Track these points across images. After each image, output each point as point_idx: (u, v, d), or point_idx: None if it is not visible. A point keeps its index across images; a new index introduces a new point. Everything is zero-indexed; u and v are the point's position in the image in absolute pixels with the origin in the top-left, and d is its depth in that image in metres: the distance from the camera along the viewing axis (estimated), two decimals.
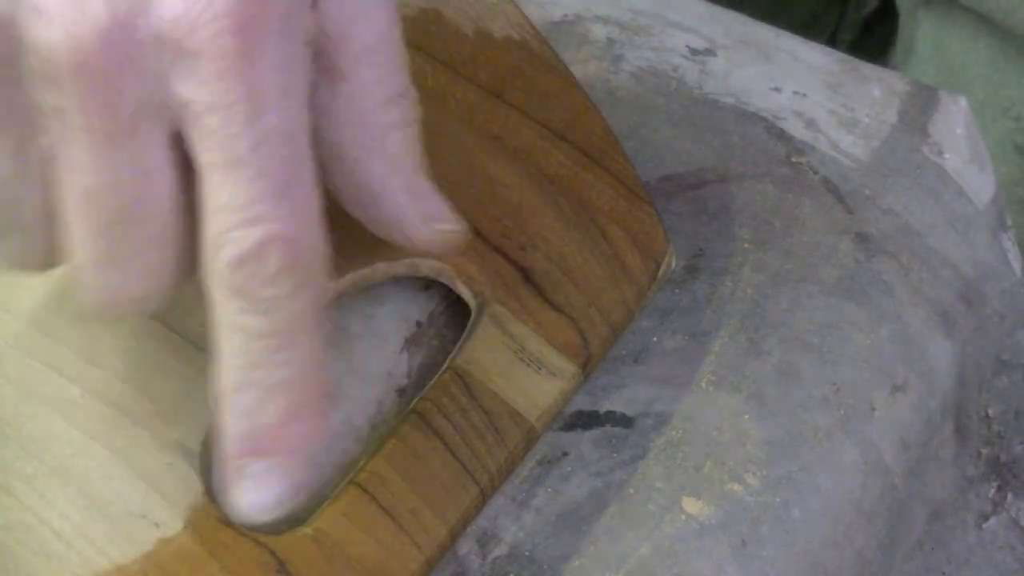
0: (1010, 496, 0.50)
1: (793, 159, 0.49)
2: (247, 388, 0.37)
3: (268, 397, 0.38)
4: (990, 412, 0.50)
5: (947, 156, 0.51)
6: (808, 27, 0.82)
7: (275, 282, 0.37)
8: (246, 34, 0.35)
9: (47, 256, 0.38)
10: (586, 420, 0.44)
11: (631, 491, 0.43)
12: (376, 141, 0.39)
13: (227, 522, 0.40)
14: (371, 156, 0.39)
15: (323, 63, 0.38)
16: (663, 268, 0.46)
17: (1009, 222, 0.51)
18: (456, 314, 0.45)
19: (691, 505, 0.42)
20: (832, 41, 0.83)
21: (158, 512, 0.40)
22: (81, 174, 0.36)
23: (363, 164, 0.39)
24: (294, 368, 0.38)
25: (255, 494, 0.38)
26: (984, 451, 0.50)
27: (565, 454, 0.43)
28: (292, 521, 0.41)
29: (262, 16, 0.35)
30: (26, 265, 0.39)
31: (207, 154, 0.36)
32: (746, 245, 0.47)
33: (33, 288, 0.42)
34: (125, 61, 0.35)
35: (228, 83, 0.35)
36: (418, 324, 0.45)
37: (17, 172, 0.37)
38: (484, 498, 0.42)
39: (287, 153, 0.36)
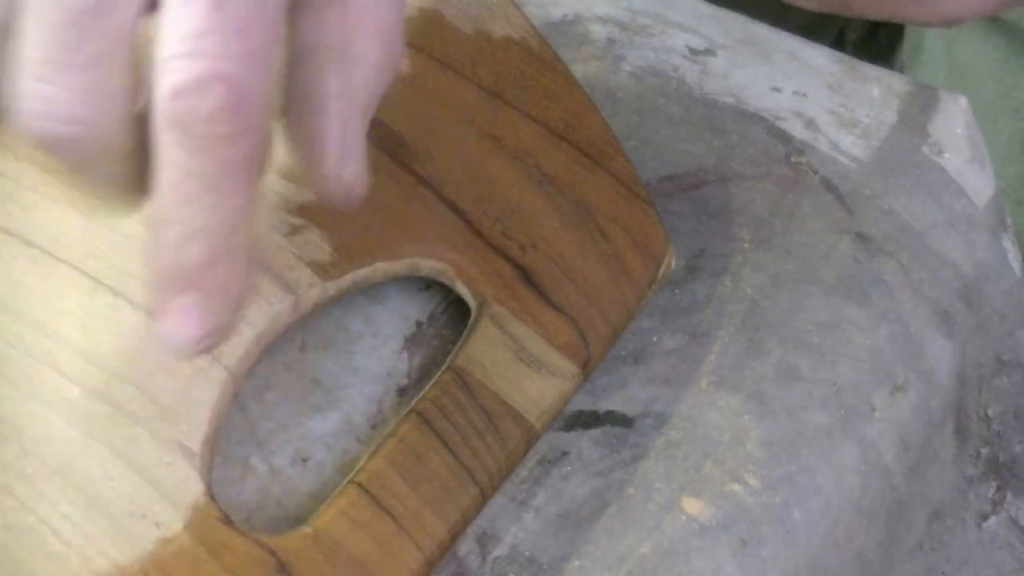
0: (1010, 496, 0.50)
1: (793, 159, 0.50)
2: (172, 224, 0.36)
3: (192, 237, 0.36)
4: (990, 412, 0.50)
5: (947, 156, 0.51)
6: (815, 27, 0.82)
7: (211, 121, 0.35)
8: None
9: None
10: (586, 420, 0.44)
11: (631, 491, 0.43)
12: (346, 62, 0.38)
13: (228, 522, 0.40)
14: (334, 71, 0.38)
15: None
16: (663, 268, 0.46)
17: (1009, 222, 0.51)
18: (456, 314, 0.45)
19: (691, 505, 0.42)
20: (839, 40, 0.83)
21: (158, 512, 0.40)
22: None
23: (322, 73, 0.38)
24: (220, 216, 0.36)
25: (171, 328, 0.37)
26: (984, 451, 0.50)
27: (565, 454, 0.43)
28: (292, 521, 0.41)
29: None
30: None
31: None
32: (746, 245, 0.47)
33: (33, 288, 0.42)
34: None
35: None
36: (418, 324, 0.45)
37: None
38: (484, 498, 0.42)
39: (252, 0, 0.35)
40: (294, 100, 0.39)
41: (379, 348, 0.44)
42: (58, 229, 0.42)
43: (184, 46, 0.35)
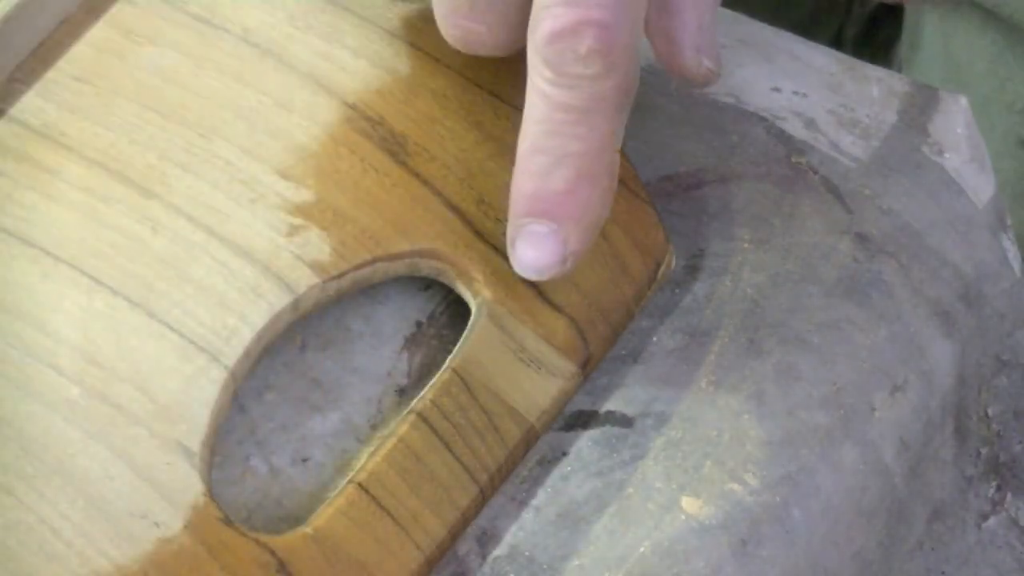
0: (1009, 496, 0.50)
1: (793, 159, 0.49)
2: (540, 153, 0.41)
3: (558, 164, 0.41)
4: (990, 412, 0.50)
5: (947, 156, 0.51)
6: (812, 23, 0.82)
7: (584, 61, 0.40)
8: None
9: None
10: (586, 420, 0.44)
11: (631, 491, 0.43)
12: None
13: (228, 522, 0.40)
14: None
15: None
16: (663, 268, 0.46)
17: (1009, 221, 0.51)
18: (456, 314, 0.45)
19: (691, 505, 0.42)
20: (837, 37, 0.83)
21: (158, 512, 0.40)
22: None
23: None
24: (586, 144, 0.41)
25: (528, 252, 0.42)
26: (984, 451, 0.50)
27: (565, 454, 0.43)
28: (292, 521, 0.41)
29: None
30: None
31: None
32: (746, 245, 0.47)
33: (33, 288, 0.42)
34: None
35: None
36: (418, 324, 0.45)
37: None
38: (484, 498, 0.42)
39: None
40: (652, 4, 0.44)
41: (379, 348, 0.44)
42: (58, 229, 0.42)
43: None
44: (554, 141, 0.42)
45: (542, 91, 0.41)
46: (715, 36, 0.45)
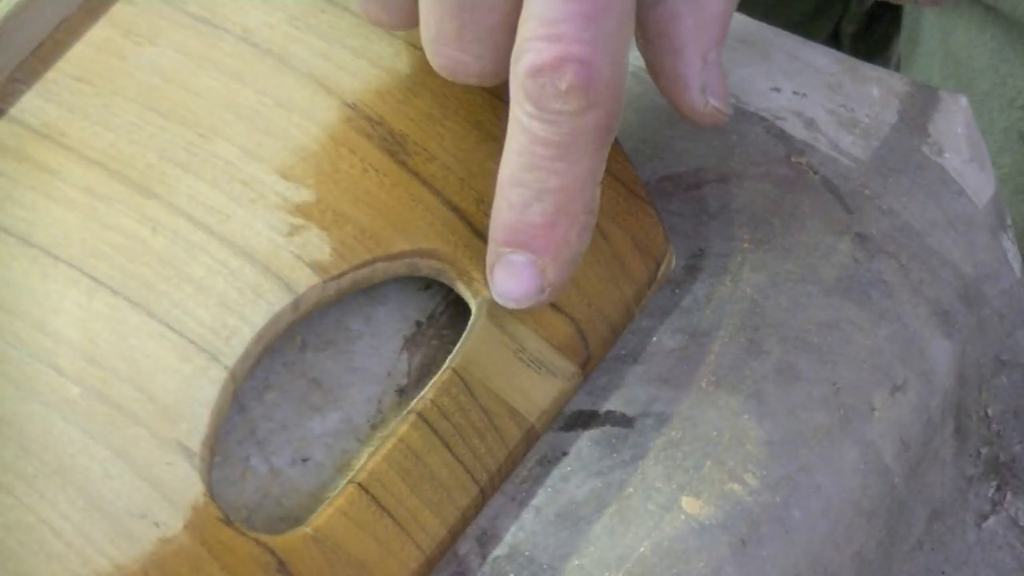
0: (1009, 495, 0.50)
1: (793, 159, 0.49)
2: (520, 185, 0.41)
3: (537, 198, 0.41)
4: (990, 412, 0.50)
5: (947, 156, 0.51)
6: (811, 20, 0.82)
7: (564, 98, 0.40)
8: None
9: (406, 22, 0.43)
10: (586, 420, 0.44)
11: (631, 491, 0.43)
12: (699, 2, 0.43)
13: (227, 522, 0.40)
14: (687, 12, 0.43)
15: None
16: (663, 268, 0.46)
17: (1009, 221, 0.51)
18: (456, 314, 0.45)
19: (691, 505, 0.42)
20: (835, 34, 0.83)
21: (158, 512, 0.40)
22: None
23: (677, 17, 0.43)
24: (565, 180, 0.41)
25: (506, 281, 0.42)
26: (983, 451, 0.50)
27: (565, 454, 0.43)
28: (292, 521, 0.41)
29: None
30: (381, 23, 0.44)
31: None
32: (746, 245, 0.47)
33: (33, 288, 0.42)
34: None
35: None
36: (418, 324, 0.45)
37: None
38: (484, 498, 0.42)
39: None
40: (652, 40, 0.44)
41: (379, 348, 0.44)
42: (57, 229, 0.42)
43: (544, 28, 0.40)
44: (533, 175, 0.41)
45: (522, 124, 0.41)
46: (722, 73, 0.45)
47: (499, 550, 0.42)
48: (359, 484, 0.41)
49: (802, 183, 0.49)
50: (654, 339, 0.45)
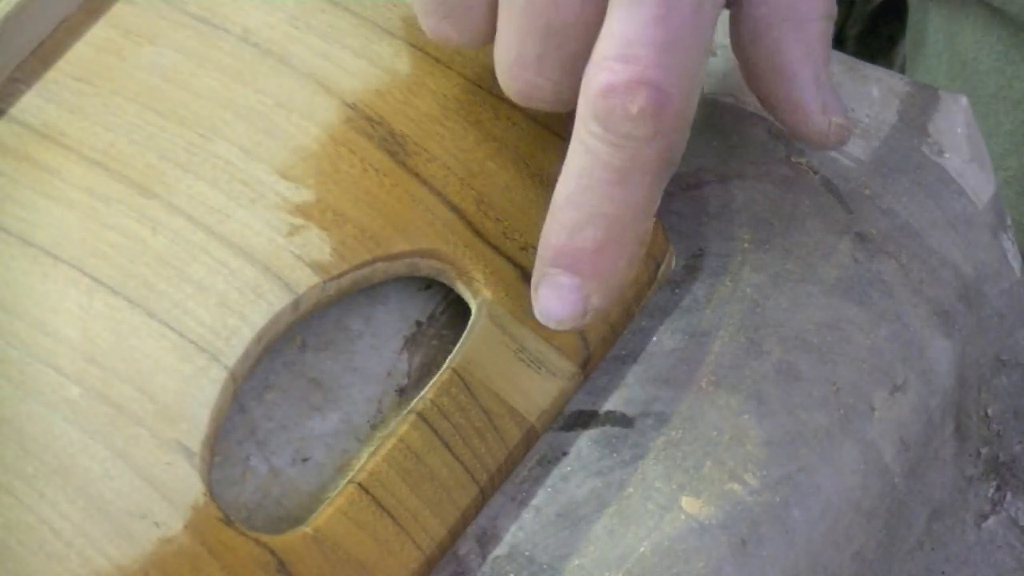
0: (1009, 496, 0.50)
1: (793, 159, 0.49)
2: (574, 207, 0.41)
3: (589, 222, 0.41)
4: (990, 412, 0.50)
5: (947, 156, 0.51)
6: None
7: (633, 122, 0.40)
8: None
9: (477, 40, 0.43)
10: (586, 420, 0.44)
11: (631, 491, 0.43)
12: (800, 26, 0.43)
13: (228, 522, 0.40)
14: (793, 39, 0.43)
15: None
16: (663, 268, 0.46)
17: (1009, 221, 0.51)
18: (456, 314, 0.45)
19: (691, 505, 0.42)
20: (839, 35, 0.83)
21: (158, 512, 0.40)
22: None
23: (785, 45, 0.43)
24: (620, 207, 0.41)
25: (550, 302, 0.42)
26: (983, 451, 0.50)
27: (565, 454, 0.43)
28: (292, 521, 0.41)
29: None
30: (450, 41, 0.44)
31: None
32: (746, 245, 0.47)
33: (32, 288, 0.42)
34: None
35: None
36: (418, 324, 0.45)
37: None
38: (484, 498, 0.42)
39: (692, 12, 0.39)
40: (762, 74, 0.44)
41: (379, 348, 0.44)
42: (57, 229, 0.42)
43: (621, 49, 0.39)
44: (589, 198, 0.41)
45: (586, 144, 0.41)
46: (835, 90, 0.45)
47: (499, 550, 0.42)
48: (359, 484, 0.41)
49: (802, 183, 0.49)
50: (654, 339, 0.45)
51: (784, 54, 0.44)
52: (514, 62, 0.42)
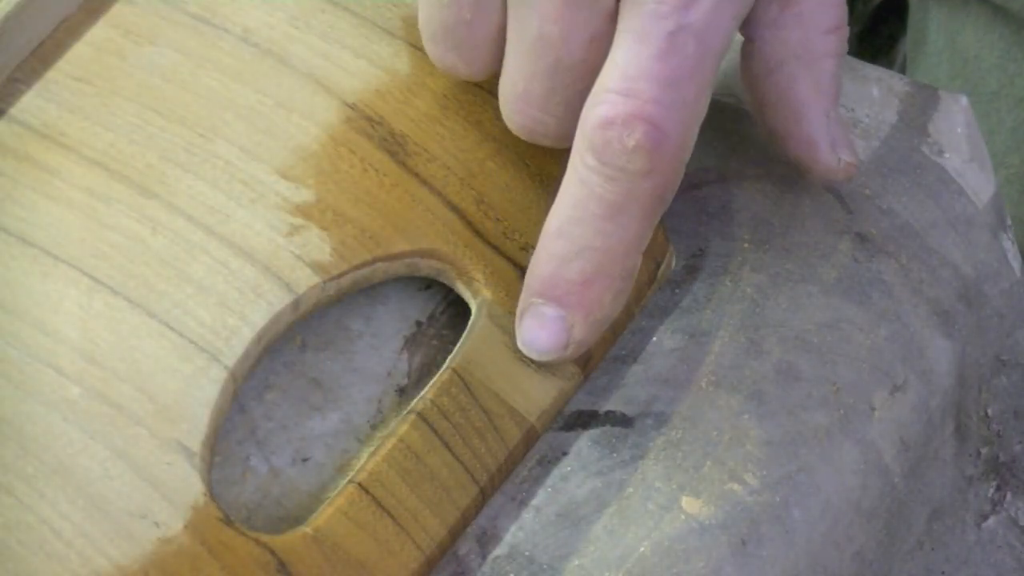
0: (1009, 496, 0.50)
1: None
2: (564, 238, 0.41)
3: (578, 254, 0.41)
4: (990, 412, 0.50)
5: (947, 156, 0.51)
6: None
7: (629, 156, 0.40)
8: None
9: (483, 73, 0.43)
10: (586, 420, 0.44)
11: (631, 491, 0.43)
12: (811, 63, 0.43)
13: (228, 522, 0.40)
14: (804, 76, 0.43)
15: None
16: (663, 268, 0.46)
17: (1009, 221, 0.51)
18: (456, 314, 0.45)
19: (691, 505, 0.42)
20: None
21: (158, 512, 0.40)
22: (540, 20, 0.40)
23: (795, 81, 0.43)
24: (610, 242, 0.41)
25: (533, 332, 0.42)
26: (983, 451, 0.50)
27: (565, 454, 0.43)
28: (292, 521, 0.41)
29: None
30: (456, 73, 0.44)
31: (629, 20, 0.40)
32: (746, 245, 0.47)
33: (32, 287, 0.42)
34: None
35: None
36: (418, 324, 0.45)
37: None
38: (484, 498, 0.42)
39: (695, 52, 0.39)
40: (772, 106, 0.44)
41: (379, 348, 0.44)
42: (58, 229, 0.42)
43: (623, 83, 0.39)
44: (579, 230, 0.41)
45: (581, 176, 0.41)
46: (844, 126, 0.45)
47: (499, 550, 0.42)
48: (359, 484, 0.41)
49: (802, 183, 0.49)
50: (654, 339, 0.45)
51: (795, 91, 0.44)
52: (520, 97, 0.42)
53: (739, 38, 0.45)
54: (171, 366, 0.41)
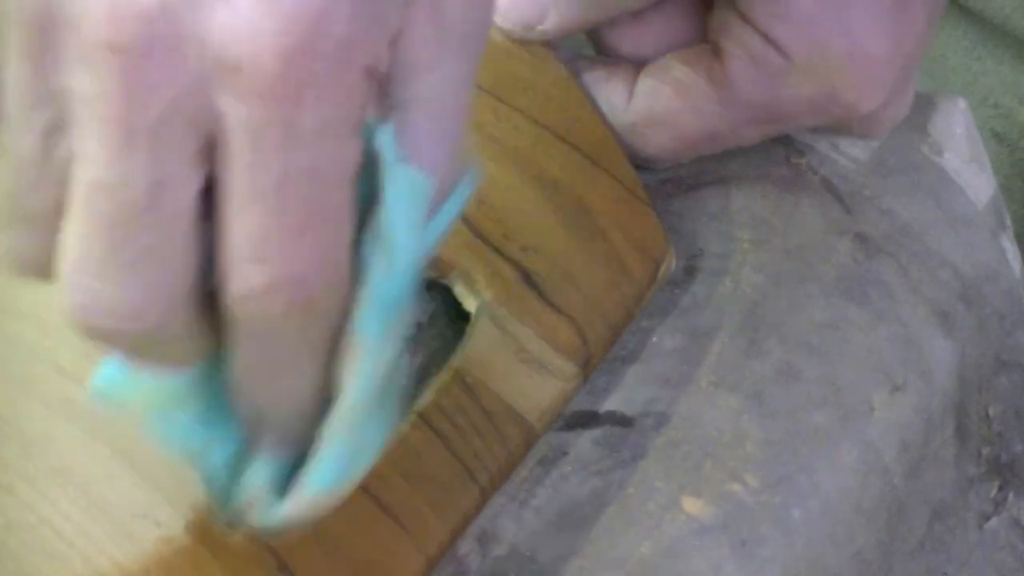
0: (1011, 496, 0.50)
1: (792, 159, 0.50)
2: (244, 391, 0.37)
3: (263, 409, 0.37)
4: (990, 412, 0.50)
5: (947, 156, 0.51)
6: None
7: (283, 320, 0.34)
8: (293, 60, 0.32)
9: (47, 258, 0.35)
10: (586, 420, 0.44)
11: (631, 491, 0.43)
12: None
13: (228, 521, 0.40)
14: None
15: (386, 99, 0.35)
16: (663, 269, 0.46)
17: (1008, 222, 0.51)
18: (456, 314, 0.45)
19: (691, 505, 0.42)
20: None
21: (160, 512, 0.40)
22: (92, 165, 0.33)
23: None
24: (289, 395, 0.37)
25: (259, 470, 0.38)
26: (984, 451, 0.50)
27: (565, 454, 0.43)
28: None
29: (316, 42, 0.32)
30: (24, 265, 0.36)
31: (229, 178, 0.33)
32: (746, 245, 0.47)
33: (34, 288, 0.42)
34: (164, 52, 0.32)
35: (262, 109, 0.32)
36: (418, 324, 0.45)
37: (40, 157, 0.34)
38: (484, 498, 0.42)
39: (313, 192, 0.34)
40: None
41: None
42: None
43: (250, 249, 0.34)
44: (253, 383, 0.36)
45: (238, 343, 0.36)
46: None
47: (499, 550, 0.42)
48: (359, 484, 0.41)
49: (802, 183, 0.49)
50: (654, 339, 0.45)
51: None
52: (72, 268, 0.34)
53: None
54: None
